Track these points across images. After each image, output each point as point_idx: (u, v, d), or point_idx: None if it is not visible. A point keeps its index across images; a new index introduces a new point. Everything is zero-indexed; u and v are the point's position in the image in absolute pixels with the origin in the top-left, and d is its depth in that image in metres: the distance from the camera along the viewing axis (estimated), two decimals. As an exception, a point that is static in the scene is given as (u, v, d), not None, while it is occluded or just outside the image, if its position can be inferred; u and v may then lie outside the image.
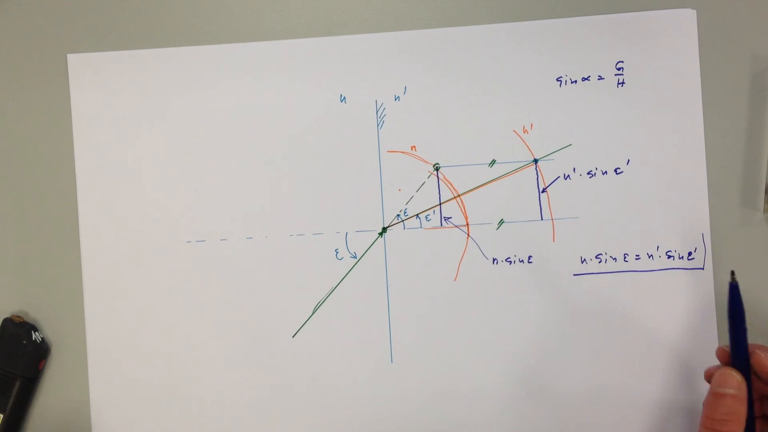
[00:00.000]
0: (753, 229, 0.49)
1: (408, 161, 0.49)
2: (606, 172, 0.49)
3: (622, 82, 0.49)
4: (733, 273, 0.42)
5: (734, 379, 0.40)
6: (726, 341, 0.44)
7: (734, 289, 0.41)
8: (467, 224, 0.49)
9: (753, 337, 0.48)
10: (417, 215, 0.49)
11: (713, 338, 0.48)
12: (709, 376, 0.42)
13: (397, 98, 0.49)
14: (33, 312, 0.50)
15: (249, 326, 0.49)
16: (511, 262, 0.49)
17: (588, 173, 0.49)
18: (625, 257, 0.48)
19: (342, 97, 0.49)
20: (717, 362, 0.43)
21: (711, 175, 0.49)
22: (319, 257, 0.49)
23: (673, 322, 0.48)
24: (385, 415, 0.48)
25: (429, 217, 0.49)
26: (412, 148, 0.49)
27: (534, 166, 0.49)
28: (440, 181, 0.49)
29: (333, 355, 0.49)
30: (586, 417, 0.48)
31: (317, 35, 0.49)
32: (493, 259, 0.49)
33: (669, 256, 0.48)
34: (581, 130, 0.49)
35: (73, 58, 0.50)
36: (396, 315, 0.49)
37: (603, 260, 0.48)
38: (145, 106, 0.49)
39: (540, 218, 0.49)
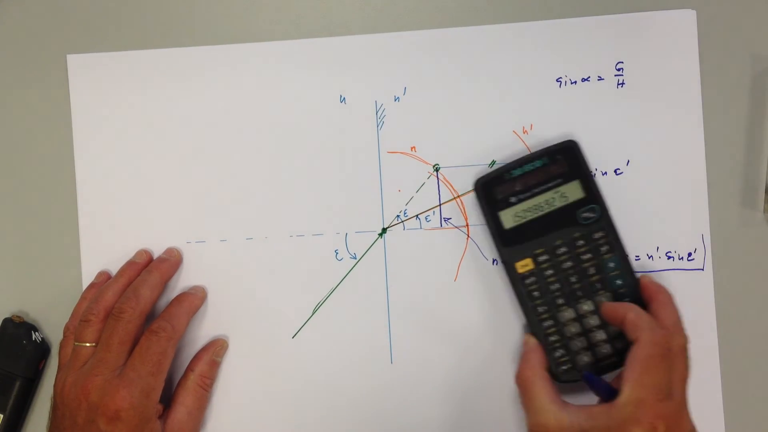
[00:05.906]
0: (753, 229, 0.49)
1: (408, 162, 0.49)
2: (606, 172, 0.49)
3: (622, 83, 0.49)
4: None
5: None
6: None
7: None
8: (467, 225, 0.49)
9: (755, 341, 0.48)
10: (417, 216, 0.49)
11: (713, 338, 0.48)
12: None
13: (396, 98, 0.49)
14: (33, 312, 0.50)
15: (249, 326, 0.49)
16: (510, 262, 0.49)
17: (588, 173, 0.49)
18: (624, 257, 0.48)
19: (342, 98, 0.49)
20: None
21: (711, 175, 0.49)
22: (319, 258, 0.49)
23: (673, 322, 0.48)
24: (385, 415, 0.48)
25: (429, 218, 0.49)
26: (411, 148, 0.49)
27: (534, 166, 0.49)
28: (440, 181, 0.49)
29: (333, 355, 0.49)
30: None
31: (317, 35, 0.49)
32: (493, 260, 0.49)
33: (669, 257, 0.48)
34: (581, 131, 0.49)
35: (73, 58, 0.50)
36: (396, 315, 0.49)
37: (603, 260, 0.48)
38: (145, 106, 0.49)
39: (540, 218, 0.49)
